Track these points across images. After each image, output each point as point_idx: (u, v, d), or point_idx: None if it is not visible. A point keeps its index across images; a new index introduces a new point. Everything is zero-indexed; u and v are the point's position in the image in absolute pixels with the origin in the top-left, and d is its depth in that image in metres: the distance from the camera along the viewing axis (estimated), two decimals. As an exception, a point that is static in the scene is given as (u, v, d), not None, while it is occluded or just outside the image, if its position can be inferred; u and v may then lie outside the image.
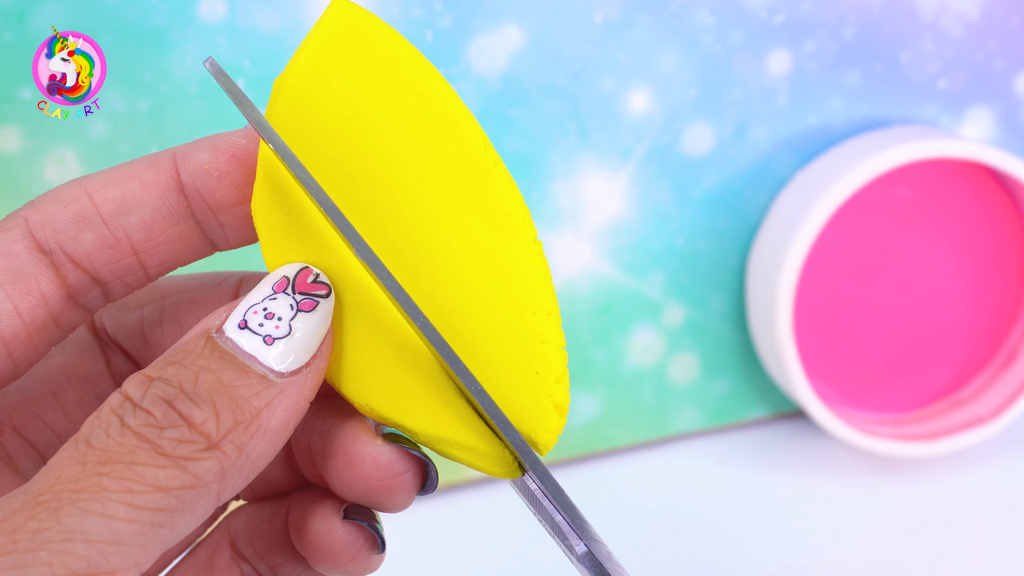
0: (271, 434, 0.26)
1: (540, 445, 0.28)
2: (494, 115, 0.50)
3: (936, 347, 0.56)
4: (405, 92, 0.28)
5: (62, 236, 0.29)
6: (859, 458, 0.56)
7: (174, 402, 0.25)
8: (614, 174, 0.52)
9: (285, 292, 0.27)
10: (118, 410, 0.25)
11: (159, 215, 0.29)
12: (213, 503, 0.25)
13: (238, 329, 0.26)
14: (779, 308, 0.52)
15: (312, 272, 0.28)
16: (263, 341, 0.26)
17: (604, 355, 0.54)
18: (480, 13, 0.48)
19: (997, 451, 0.56)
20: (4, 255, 0.28)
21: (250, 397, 0.26)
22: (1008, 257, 0.56)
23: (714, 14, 0.50)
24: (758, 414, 0.58)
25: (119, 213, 0.29)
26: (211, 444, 0.25)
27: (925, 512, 0.53)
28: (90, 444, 0.24)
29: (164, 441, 0.24)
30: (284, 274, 0.28)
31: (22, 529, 0.23)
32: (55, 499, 0.23)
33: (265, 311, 0.27)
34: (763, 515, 0.54)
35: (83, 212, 0.29)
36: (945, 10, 0.53)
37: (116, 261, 0.29)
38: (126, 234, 0.29)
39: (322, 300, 0.27)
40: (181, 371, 0.26)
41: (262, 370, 0.26)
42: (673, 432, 0.57)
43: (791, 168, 0.54)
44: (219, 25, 0.46)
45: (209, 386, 0.25)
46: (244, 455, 0.25)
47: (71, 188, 0.29)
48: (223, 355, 0.26)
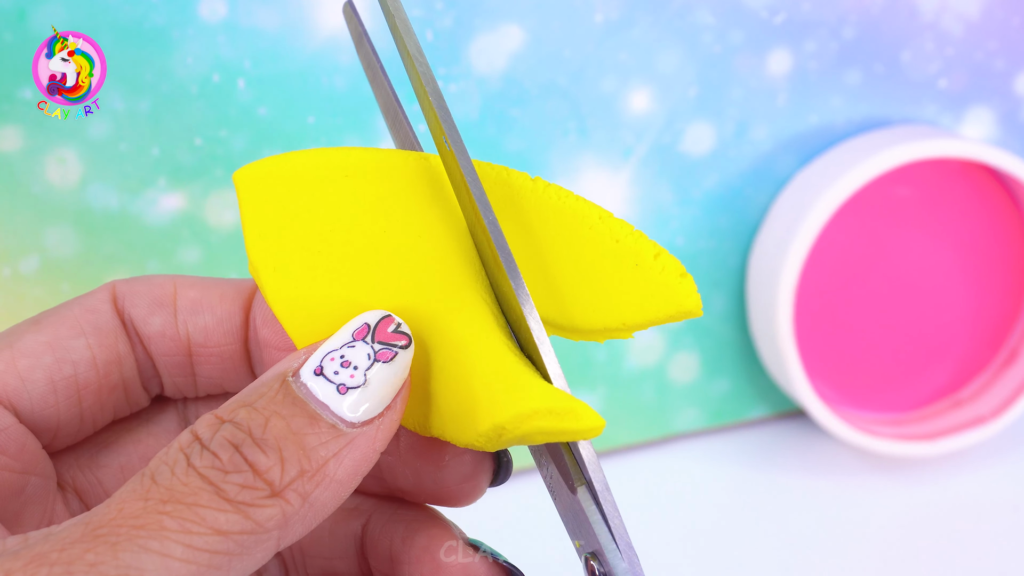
0: (337, 484, 0.26)
1: (694, 309, 0.29)
2: (494, 115, 0.50)
3: (936, 347, 0.56)
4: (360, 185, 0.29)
5: (136, 312, 0.30)
6: (859, 458, 0.56)
7: (241, 447, 0.25)
8: (614, 174, 0.52)
9: (364, 340, 0.27)
10: (186, 449, 0.25)
11: (222, 326, 0.30)
12: (273, 549, 0.25)
13: (313, 375, 0.26)
14: (779, 308, 0.52)
15: (394, 321, 0.27)
16: (336, 390, 0.26)
17: (604, 355, 0.54)
18: (480, 13, 0.48)
19: (997, 451, 0.56)
20: (92, 312, 0.30)
21: (318, 446, 0.25)
22: (1008, 257, 0.56)
23: (714, 14, 0.50)
24: (758, 414, 0.58)
25: (190, 310, 0.30)
26: (274, 492, 0.25)
27: (925, 512, 0.53)
28: (155, 481, 0.25)
29: (227, 485, 0.25)
30: (365, 321, 0.27)
31: (79, 561, 0.23)
32: (114, 533, 0.23)
33: (342, 359, 0.27)
34: (763, 515, 0.54)
35: (163, 298, 0.30)
36: (945, 10, 0.53)
37: (171, 354, 0.30)
38: (188, 331, 0.30)
39: (401, 351, 0.27)
40: (252, 415, 0.26)
41: (333, 419, 0.26)
42: (673, 432, 0.57)
43: (791, 168, 0.54)
44: (219, 25, 0.46)
45: (278, 432, 0.25)
46: (308, 504, 0.25)
47: (164, 278, 0.31)
48: (295, 401, 0.26)
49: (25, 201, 0.47)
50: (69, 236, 0.48)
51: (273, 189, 0.29)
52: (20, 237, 0.47)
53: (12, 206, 0.47)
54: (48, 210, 0.47)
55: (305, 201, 0.29)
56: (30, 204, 0.47)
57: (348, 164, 0.30)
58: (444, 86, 0.49)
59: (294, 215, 0.29)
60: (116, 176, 0.47)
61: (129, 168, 0.47)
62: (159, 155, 0.47)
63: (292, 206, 0.29)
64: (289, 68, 0.47)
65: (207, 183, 0.48)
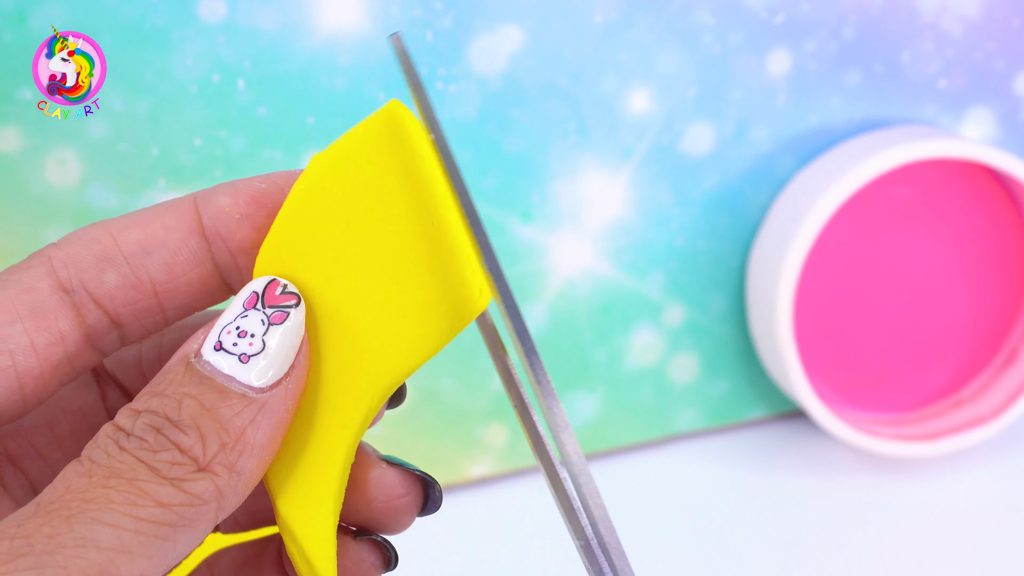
0: (259, 449, 0.27)
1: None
2: (494, 115, 0.50)
3: (936, 347, 0.56)
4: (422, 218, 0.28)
5: (85, 275, 0.29)
6: (859, 458, 0.56)
7: (161, 429, 0.26)
8: (614, 174, 0.52)
9: (255, 308, 0.28)
10: (112, 436, 0.26)
11: (180, 256, 0.29)
12: (214, 519, 0.26)
13: (214, 351, 0.27)
14: (779, 308, 0.52)
15: (279, 284, 0.28)
16: (239, 360, 0.27)
17: (604, 355, 0.54)
18: (480, 13, 0.48)
19: (997, 451, 0.56)
20: (27, 291, 0.29)
21: (233, 417, 0.26)
22: (1008, 257, 0.56)
23: (714, 14, 0.50)
24: (758, 414, 0.58)
25: (141, 254, 0.29)
26: (200, 467, 0.26)
27: (925, 512, 0.53)
28: (93, 461, 0.25)
29: (159, 463, 0.25)
30: (253, 289, 0.28)
31: (37, 534, 0.23)
32: (66, 508, 0.24)
33: (238, 329, 0.27)
34: (763, 515, 0.54)
35: (106, 252, 0.29)
36: (945, 10, 0.53)
37: (137, 302, 0.30)
38: (148, 274, 0.29)
39: (292, 310, 0.28)
40: (164, 401, 0.26)
41: (242, 389, 0.27)
42: (673, 432, 0.57)
43: (791, 168, 0.54)
44: (219, 25, 0.46)
45: (192, 411, 0.26)
46: (235, 473, 0.26)
47: (94, 229, 0.29)
48: (202, 379, 0.27)
49: (25, 201, 0.47)
50: (69, 236, 0.48)
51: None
52: (20, 237, 0.47)
53: (12, 206, 0.47)
54: (48, 210, 0.47)
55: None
56: (30, 204, 0.47)
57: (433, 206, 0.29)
58: (444, 86, 0.49)
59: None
60: (116, 176, 0.47)
61: (129, 168, 0.47)
62: (159, 155, 0.47)
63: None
64: (289, 68, 0.47)
65: (207, 183, 0.48)
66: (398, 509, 0.30)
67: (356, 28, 0.48)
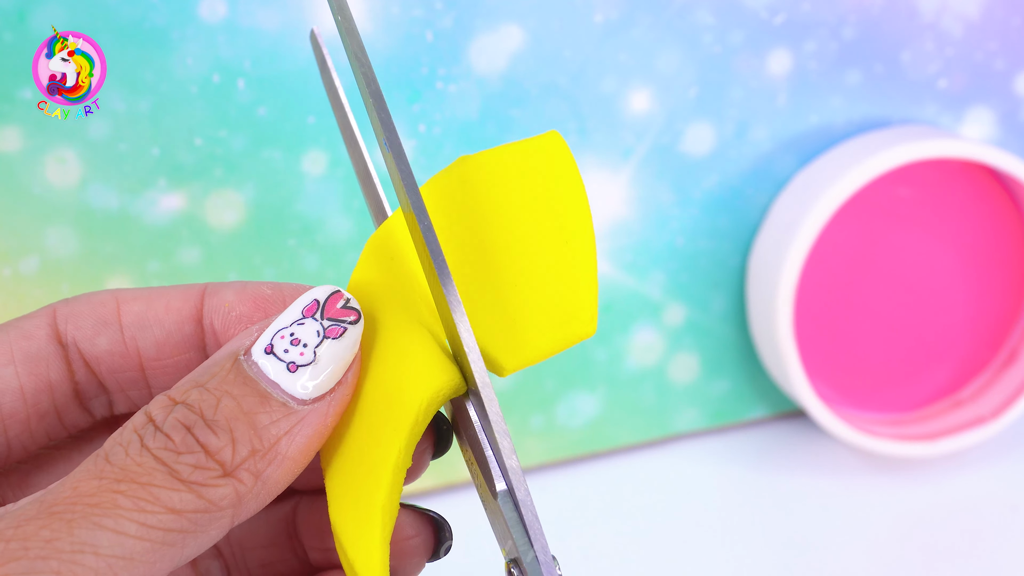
0: (289, 461, 0.26)
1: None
2: (494, 115, 0.50)
3: (936, 347, 0.56)
4: (555, 233, 0.29)
5: (80, 333, 0.29)
6: (859, 458, 0.56)
7: (193, 428, 0.25)
8: (614, 174, 0.52)
9: (313, 317, 0.27)
10: (140, 430, 0.25)
11: (173, 338, 0.30)
12: (227, 526, 0.26)
13: (264, 354, 0.26)
14: (779, 308, 0.52)
15: (343, 297, 0.27)
16: (287, 368, 0.26)
17: (604, 355, 0.54)
18: (480, 13, 0.48)
19: (997, 451, 0.56)
20: (25, 337, 0.29)
21: (269, 425, 0.26)
22: (1008, 257, 0.56)
23: (714, 14, 0.50)
24: (758, 414, 0.58)
25: (137, 326, 0.30)
26: (226, 472, 0.25)
27: (925, 512, 0.53)
28: (108, 461, 0.25)
29: (180, 466, 0.25)
30: (315, 297, 0.27)
31: (34, 537, 0.23)
32: (69, 511, 0.24)
33: (292, 336, 0.27)
34: (763, 515, 0.54)
35: (106, 317, 0.30)
36: (945, 10, 0.53)
37: (123, 371, 0.30)
38: (137, 347, 0.30)
39: (350, 327, 0.27)
40: (204, 396, 0.26)
41: (283, 397, 0.26)
42: (673, 432, 0.57)
43: (791, 168, 0.54)
44: (219, 25, 0.46)
45: (228, 413, 0.26)
46: (260, 482, 0.26)
47: (105, 294, 0.30)
48: (247, 380, 0.26)
49: (25, 201, 0.47)
50: (69, 236, 0.48)
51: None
52: (20, 237, 0.47)
53: (12, 206, 0.47)
54: (48, 210, 0.47)
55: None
56: (30, 204, 0.47)
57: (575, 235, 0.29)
58: (444, 86, 0.49)
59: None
60: (116, 176, 0.47)
61: (129, 168, 0.47)
62: (159, 155, 0.47)
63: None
64: (289, 68, 0.47)
65: (207, 183, 0.48)
66: (406, 551, 0.29)
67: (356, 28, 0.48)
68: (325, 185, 0.49)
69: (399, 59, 0.48)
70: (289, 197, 0.49)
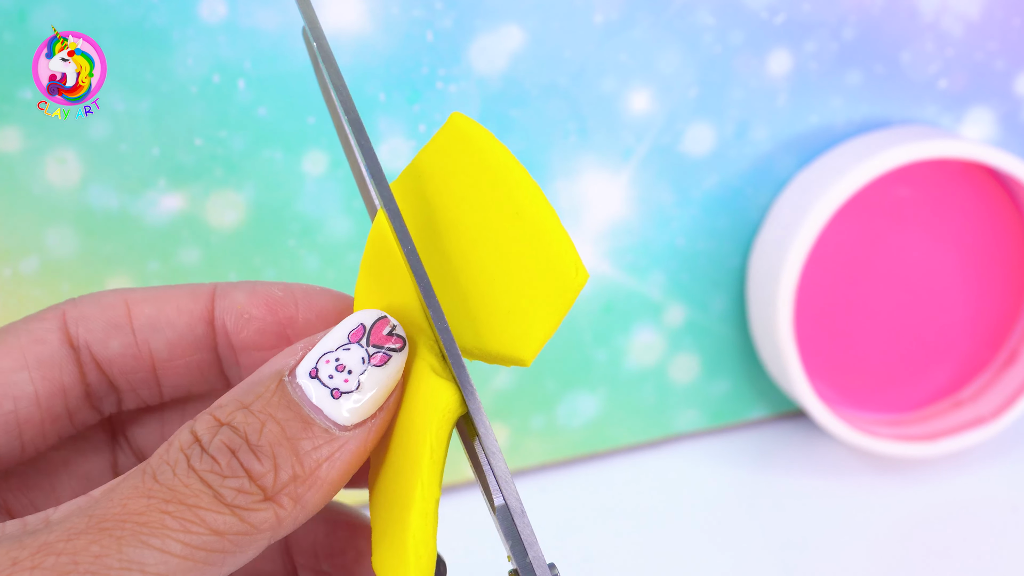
0: (329, 485, 0.27)
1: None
2: (495, 115, 0.50)
3: (936, 347, 0.56)
4: (504, 209, 0.29)
5: (92, 336, 0.30)
6: (859, 458, 0.56)
7: (238, 452, 0.26)
8: (615, 174, 0.52)
9: (359, 343, 0.27)
10: (187, 450, 0.26)
11: (185, 339, 0.30)
12: (264, 545, 0.26)
13: (308, 378, 0.27)
14: (779, 308, 0.52)
15: (389, 323, 0.28)
16: (330, 394, 0.27)
17: (604, 355, 0.54)
18: (480, 13, 0.48)
19: (997, 451, 0.56)
20: (38, 342, 0.30)
21: (311, 451, 0.26)
22: (1008, 257, 0.56)
23: (714, 14, 0.50)
24: (758, 414, 0.58)
25: (149, 328, 0.30)
26: (267, 496, 0.26)
27: (925, 512, 0.53)
28: (156, 480, 0.25)
29: (225, 490, 0.25)
30: (360, 321, 0.28)
31: (84, 552, 0.24)
32: (119, 528, 0.24)
33: (337, 362, 0.27)
34: (763, 515, 0.54)
35: (117, 319, 0.30)
36: (946, 10, 0.53)
37: (135, 372, 0.30)
38: (150, 349, 0.30)
39: (395, 354, 0.27)
40: (248, 419, 0.26)
41: (326, 423, 0.26)
42: (673, 432, 0.57)
43: (791, 168, 0.54)
44: (219, 25, 0.46)
45: (272, 438, 0.26)
46: (299, 506, 0.26)
47: (113, 295, 0.30)
48: (290, 404, 0.26)
49: (25, 201, 0.47)
50: (69, 236, 0.48)
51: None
52: (20, 237, 0.47)
53: (12, 206, 0.47)
54: (48, 210, 0.47)
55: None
56: (30, 204, 0.47)
57: (525, 200, 0.29)
58: (444, 86, 0.49)
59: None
60: (116, 176, 0.47)
61: (129, 168, 0.47)
62: (159, 155, 0.47)
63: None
64: (289, 68, 0.47)
65: (207, 183, 0.48)
66: None
67: (356, 28, 0.48)
68: (325, 185, 0.49)
69: (399, 59, 0.48)
70: (289, 197, 0.49)
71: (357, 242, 0.50)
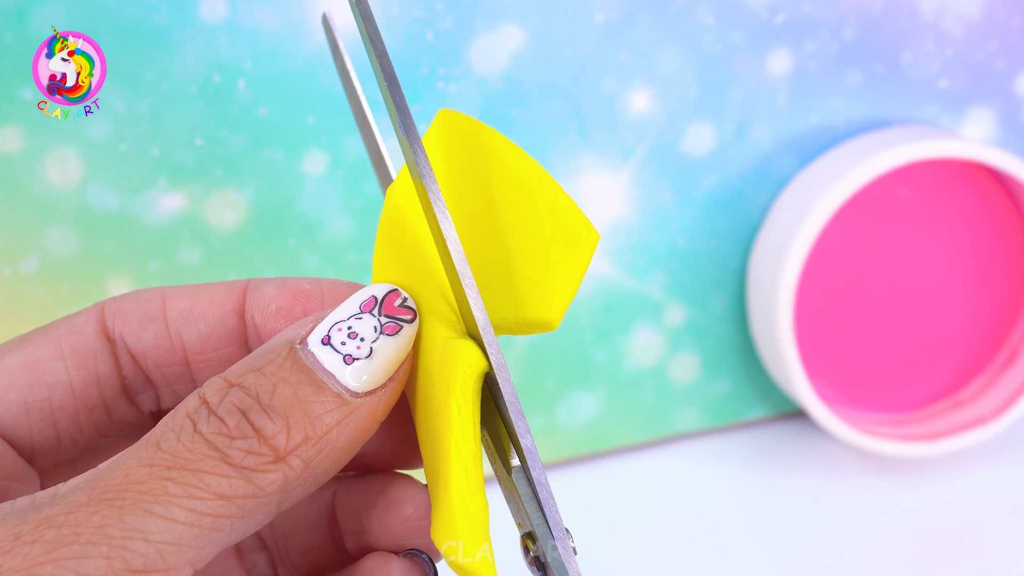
0: (339, 451, 0.27)
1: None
2: (495, 115, 0.50)
3: (937, 347, 0.56)
4: (506, 185, 0.29)
5: (127, 329, 0.30)
6: (859, 458, 0.56)
7: (248, 412, 0.26)
8: (615, 174, 0.52)
9: (371, 313, 0.28)
10: (193, 414, 0.26)
11: (216, 332, 0.30)
12: (273, 512, 0.26)
13: (321, 344, 0.27)
14: (779, 308, 0.52)
15: (400, 295, 0.28)
16: (343, 360, 0.27)
17: (605, 355, 0.54)
18: (481, 13, 0.48)
19: (998, 451, 0.56)
20: (74, 333, 0.30)
21: (323, 414, 0.26)
22: (1008, 257, 0.56)
23: (714, 14, 0.50)
24: (758, 414, 0.58)
25: (182, 320, 0.30)
26: (278, 457, 0.26)
27: (925, 512, 0.53)
28: (160, 447, 0.25)
29: (233, 451, 0.25)
30: (372, 293, 0.28)
31: (85, 523, 0.24)
32: (120, 498, 0.24)
33: (350, 329, 0.27)
34: (763, 515, 0.54)
35: (152, 312, 0.30)
36: (946, 10, 0.53)
37: (169, 365, 0.31)
38: (182, 341, 0.30)
39: (406, 325, 0.28)
40: (260, 380, 0.26)
41: (338, 388, 0.27)
42: (673, 432, 0.57)
43: (792, 168, 0.54)
44: (219, 25, 0.46)
45: (285, 399, 0.26)
46: (309, 469, 0.26)
47: (151, 291, 0.31)
48: (303, 369, 0.27)
49: (25, 201, 0.47)
50: (69, 236, 0.48)
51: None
52: (20, 237, 0.47)
53: (12, 206, 0.47)
54: (48, 210, 0.47)
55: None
56: (30, 204, 0.47)
57: (524, 173, 0.30)
58: (444, 86, 0.49)
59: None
60: (116, 176, 0.47)
61: (129, 168, 0.47)
62: (159, 155, 0.47)
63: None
64: (289, 68, 0.47)
65: (207, 183, 0.48)
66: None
67: (356, 28, 0.48)
68: (325, 185, 0.49)
69: (399, 59, 0.48)
70: (289, 197, 0.49)
71: (357, 242, 0.50)
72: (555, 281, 0.28)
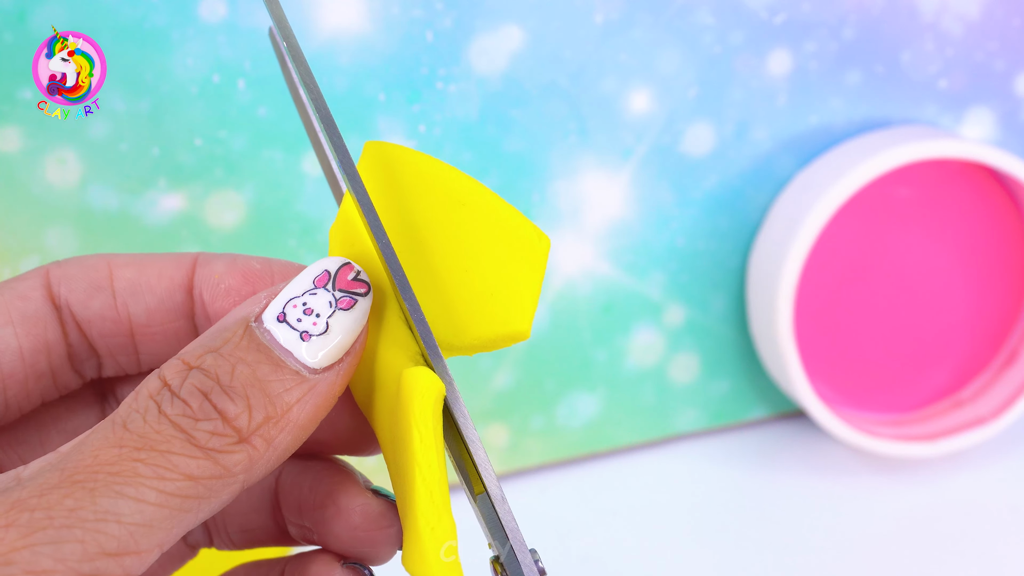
0: (299, 428, 0.27)
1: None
2: (494, 115, 0.50)
3: (936, 347, 0.56)
4: (448, 206, 0.29)
5: (73, 296, 0.30)
6: (859, 458, 0.56)
7: (210, 394, 0.26)
8: (614, 174, 0.52)
9: (325, 288, 0.28)
10: (156, 396, 0.26)
11: (164, 306, 0.30)
12: (237, 491, 0.26)
13: (276, 322, 0.27)
14: (779, 308, 0.52)
15: (353, 269, 0.28)
16: (299, 337, 0.27)
17: (604, 355, 0.54)
18: (480, 13, 0.48)
19: (997, 451, 0.56)
20: (22, 299, 0.30)
21: (283, 392, 0.26)
22: (1008, 257, 0.56)
23: (714, 14, 0.50)
24: (758, 414, 0.58)
25: (128, 292, 0.30)
26: (242, 438, 0.26)
27: (925, 512, 0.53)
28: (127, 428, 0.25)
29: (198, 433, 0.25)
30: (325, 268, 0.28)
31: (58, 506, 0.24)
32: (91, 480, 0.24)
33: (304, 306, 0.27)
34: (763, 515, 0.54)
35: (99, 281, 0.30)
36: (946, 10, 0.53)
37: (113, 336, 0.30)
38: (128, 313, 0.30)
39: (360, 299, 0.28)
40: (219, 361, 0.26)
41: (296, 366, 0.27)
42: (673, 432, 0.57)
43: (791, 168, 0.54)
44: (219, 25, 0.46)
45: (244, 380, 0.26)
46: (272, 448, 0.26)
47: (97, 258, 0.30)
48: (260, 347, 0.27)
49: (25, 201, 0.47)
50: (69, 236, 0.48)
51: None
52: (20, 237, 0.47)
53: (12, 206, 0.47)
54: (48, 210, 0.47)
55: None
56: (30, 204, 0.47)
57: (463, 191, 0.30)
58: (444, 86, 0.49)
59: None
60: (116, 176, 0.47)
61: (129, 168, 0.47)
62: (159, 155, 0.47)
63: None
64: (289, 68, 0.47)
65: (207, 183, 0.48)
66: (378, 540, 0.30)
67: (356, 28, 0.48)
68: (325, 185, 0.49)
69: (399, 59, 0.48)
70: (289, 197, 0.49)
71: (357, 242, 0.50)
72: (516, 292, 0.28)
